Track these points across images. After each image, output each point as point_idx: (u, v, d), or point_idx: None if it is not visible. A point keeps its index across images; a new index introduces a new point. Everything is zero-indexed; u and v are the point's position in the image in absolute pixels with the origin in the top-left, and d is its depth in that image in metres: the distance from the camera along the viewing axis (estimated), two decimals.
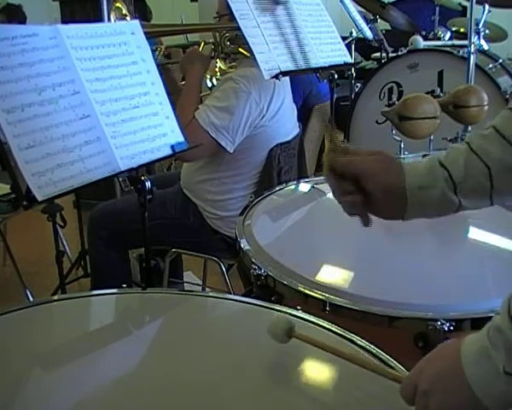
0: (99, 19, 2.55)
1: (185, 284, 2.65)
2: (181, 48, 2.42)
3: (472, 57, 2.29)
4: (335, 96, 2.97)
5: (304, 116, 3.14)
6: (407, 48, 3.21)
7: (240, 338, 1.05)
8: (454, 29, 4.32)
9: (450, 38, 4.23)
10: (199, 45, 2.21)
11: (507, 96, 2.83)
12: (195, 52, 2.16)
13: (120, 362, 0.98)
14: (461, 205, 0.95)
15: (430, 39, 4.21)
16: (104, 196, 2.59)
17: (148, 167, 2.33)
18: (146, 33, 1.61)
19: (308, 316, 1.07)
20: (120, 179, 1.47)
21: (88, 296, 1.21)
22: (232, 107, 1.97)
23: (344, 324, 1.04)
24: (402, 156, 2.02)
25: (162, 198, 2.12)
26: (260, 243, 1.38)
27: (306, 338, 0.95)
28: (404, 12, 4.26)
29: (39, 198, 1.28)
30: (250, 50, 2.00)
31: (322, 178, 1.93)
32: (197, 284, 2.69)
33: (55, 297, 1.29)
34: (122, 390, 0.90)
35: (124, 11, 2.20)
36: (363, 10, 4.03)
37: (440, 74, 3.02)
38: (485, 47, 3.14)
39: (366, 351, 0.97)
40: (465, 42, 2.46)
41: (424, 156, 2.21)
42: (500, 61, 3.17)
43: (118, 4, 2.21)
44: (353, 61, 3.28)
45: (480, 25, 2.50)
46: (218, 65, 2.29)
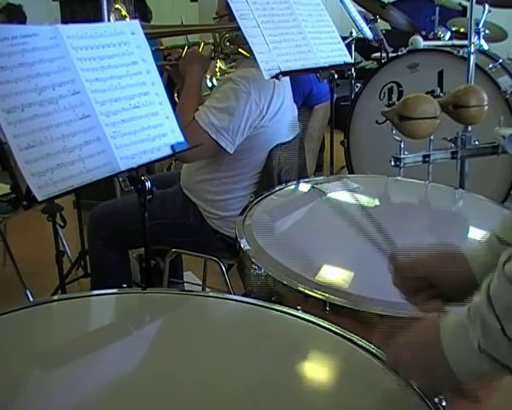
0: (99, 19, 2.55)
1: (185, 284, 2.64)
2: (181, 48, 2.42)
3: (472, 57, 2.28)
4: (335, 96, 2.97)
5: (304, 116, 3.13)
6: (407, 48, 3.21)
7: (240, 338, 1.05)
8: (454, 29, 4.32)
9: (450, 38, 4.24)
10: (199, 46, 2.21)
11: (507, 96, 2.83)
12: (195, 53, 2.16)
13: (120, 362, 0.98)
14: None
15: (430, 39, 4.21)
16: (104, 196, 2.58)
17: (148, 167, 2.33)
18: (146, 34, 1.60)
19: (308, 316, 1.07)
20: (120, 179, 1.47)
21: (88, 296, 1.21)
22: (232, 108, 1.97)
23: (344, 324, 1.04)
24: (402, 156, 2.02)
25: (162, 198, 2.12)
26: (260, 243, 1.38)
27: None
28: (404, 12, 4.26)
29: (39, 198, 1.28)
30: (250, 50, 2.00)
31: (322, 178, 1.93)
32: (197, 284, 2.68)
33: (55, 297, 1.30)
34: (122, 390, 0.90)
35: (123, 12, 2.19)
36: (363, 10, 4.04)
37: (440, 74, 3.02)
38: (485, 47, 3.14)
39: (366, 351, 0.97)
40: (465, 42, 2.46)
41: (424, 156, 2.22)
42: (500, 61, 3.17)
43: (117, 5, 2.21)
44: (353, 61, 3.28)
45: (480, 25, 2.50)
46: (218, 65, 2.29)
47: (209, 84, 2.32)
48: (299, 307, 1.09)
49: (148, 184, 1.47)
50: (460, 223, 1.66)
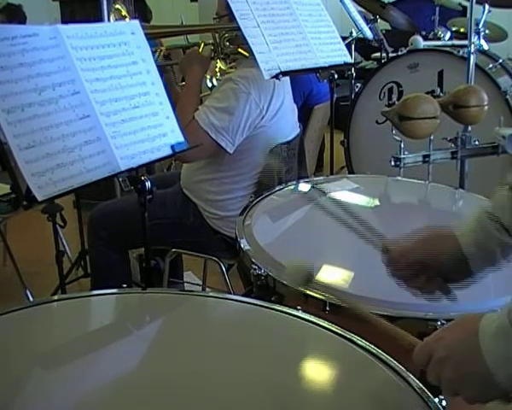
0: (99, 19, 2.55)
1: (185, 284, 2.65)
2: (181, 48, 2.42)
3: (472, 57, 2.28)
4: (335, 96, 2.97)
5: (304, 116, 3.13)
6: (407, 48, 3.21)
7: (240, 338, 1.05)
8: (454, 29, 4.32)
9: (450, 38, 4.24)
10: (198, 46, 2.21)
11: (507, 96, 2.83)
12: (195, 53, 2.16)
13: (120, 362, 0.98)
14: None
15: (430, 39, 4.21)
16: (104, 196, 2.58)
17: (148, 167, 2.33)
18: (146, 34, 1.61)
19: (308, 316, 1.07)
20: (120, 179, 1.47)
21: (88, 296, 1.21)
22: (232, 107, 1.97)
23: (344, 324, 1.04)
24: (402, 156, 2.02)
25: (162, 198, 2.12)
26: (260, 243, 1.38)
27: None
28: (404, 12, 4.26)
29: (39, 198, 1.28)
30: (250, 50, 2.00)
31: (322, 178, 1.93)
32: (197, 284, 2.68)
33: (55, 297, 1.30)
34: (122, 390, 0.90)
35: (123, 12, 2.20)
36: (363, 10, 4.04)
37: (440, 74, 3.02)
38: (485, 47, 3.14)
39: (366, 351, 0.97)
40: (465, 42, 2.46)
41: (424, 156, 2.22)
42: (500, 61, 3.17)
43: (117, 6, 2.21)
44: (353, 61, 3.28)
45: (480, 25, 2.50)
46: (218, 65, 2.29)
47: (209, 84, 2.32)
48: (299, 307, 1.09)
49: (148, 184, 1.47)
50: (460, 222, 1.66)
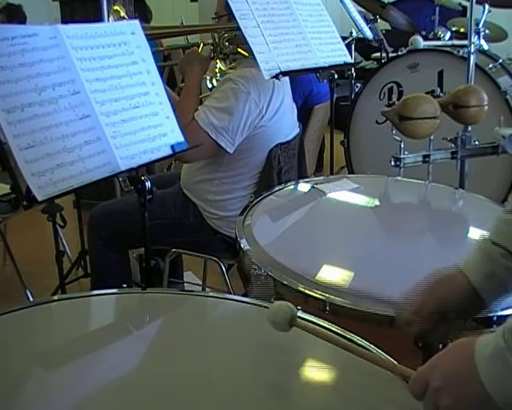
0: (99, 19, 2.55)
1: (185, 284, 2.65)
2: (181, 49, 2.42)
3: (472, 57, 2.28)
4: (335, 96, 2.97)
5: (304, 116, 3.14)
6: (407, 48, 3.21)
7: (240, 338, 1.05)
8: (454, 29, 4.32)
9: (450, 38, 4.24)
10: (198, 46, 2.21)
11: (507, 96, 2.83)
12: (194, 53, 2.16)
13: (120, 362, 0.98)
14: None
15: (430, 39, 4.21)
16: (104, 196, 2.58)
17: (148, 167, 2.33)
18: (146, 35, 1.60)
19: (308, 316, 1.07)
20: (120, 179, 1.47)
21: (88, 296, 1.21)
22: (231, 107, 1.97)
23: (344, 324, 1.04)
24: (402, 156, 2.02)
25: (162, 198, 2.12)
26: (260, 243, 1.38)
27: (308, 328, 0.94)
28: (404, 12, 4.27)
29: (39, 198, 1.28)
30: (250, 50, 2.00)
31: (322, 178, 1.94)
32: (197, 284, 2.68)
33: (55, 297, 1.29)
34: (122, 390, 0.90)
35: (122, 13, 2.20)
36: (363, 10, 4.04)
37: (440, 74, 3.02)
38: (485, 47, 3.14)
39: (366, 351, 0.97)
40: (465, 42, 2.45)
41: (424, 156, 2.22)
42: (500, 61, 3.17)
43: (116, 7, 2.22)
44: (353, 61, 3.28)
45: (480, 25, 2.50)
46: (218, 66, 2.29)
47: (209, 84, 2.32)
48: (299, 307, 1.09)
49: (148, 184, 1.47)
50: (460, 223, 1.66)
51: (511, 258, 0.95)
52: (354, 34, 3.65)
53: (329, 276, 1.26)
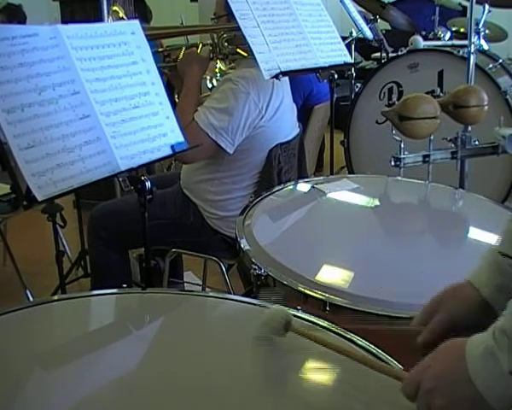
0: (99, 19, 2.55)
1: (185, 284, 2.65)
2: (181, 49, 2.42)
3: (472, 57, 2.28)
4: (335, 96, 2.97)
5: (304, 116, 3.14)
6: (407, 48, 3.21)
7: (240, 338, 1.05)
8: (454, 29, 4.33)
9: (450, 38, 4.24)
10: (197, 47, 2.21)
11: (507, 96, 2.83)
12: (193, 54, 2.16)
13: (120, 362, 0.98)
14: None
15: (430, 39, 4.22)
16: (104, 196, 2.59)
17: (148, 167, 2.33)
18: (146, 36, 1.60)
19: (308, 316, 1.07)
20: (120, 179, 1.47)
21: (88, 296, 1.21)
22: (231, 108, 1.97)
23: (344, 324, 1.04)
24: (402, 156, 2.02)
25: (162, 198, 2.12)
26: (260, 243, 1.38)
27: (304, 333, 0.94)
28: (404, 12, 4.27)
29: (39, 198, 1.28)
30: (250, 50, 2.00)
31: (322, 178, 1.94)
32: (197, 284, 2.69)
33: (55, 297, 1.29)
34: (122, 390, 0.90)
35: (121, 14, 2.20)
36: (363, 10, 4.04)
37: (440, 74, 3.02)
38: (485, 47, 3.14)
39: (366, 351, 0.97)
40: (465, 42, 2.46)
41: (424, 156, 2.22)
42: (500, 61, 3.17)
43: (115, 8, 2.22)
44: (353, 61, 3.28)
45: (480, 25, 2.50)
46: (218, 66, 2.29)
47: (209, 85, 2.32)
48: (299, 307, 1.09)
49: (148, 184, 1.47)
50: (460, 223, 1.67)
51: None
52: (354, 34, 3.65)
53: (329, 276, 1.26)
